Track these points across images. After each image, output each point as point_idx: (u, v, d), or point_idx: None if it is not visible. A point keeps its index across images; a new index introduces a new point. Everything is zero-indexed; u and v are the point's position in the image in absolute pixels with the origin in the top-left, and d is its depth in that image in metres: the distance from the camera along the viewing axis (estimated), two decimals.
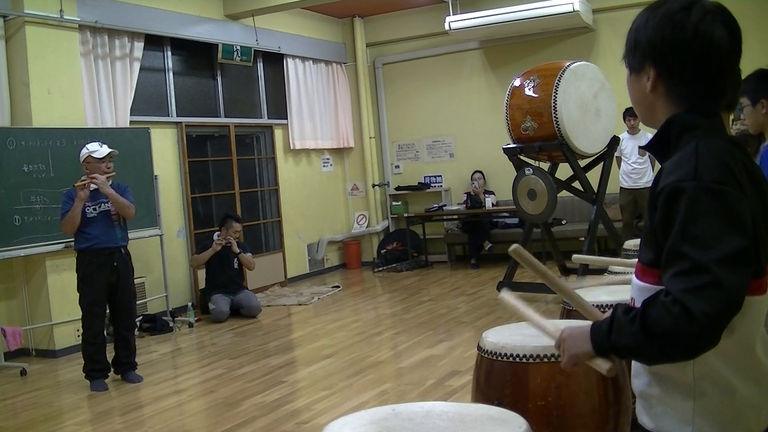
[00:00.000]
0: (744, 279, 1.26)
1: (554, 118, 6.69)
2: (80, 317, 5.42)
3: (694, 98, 1.40)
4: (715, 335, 1.25)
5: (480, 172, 10.07)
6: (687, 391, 1.36)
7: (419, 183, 10.90)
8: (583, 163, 7.21)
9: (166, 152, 8.03)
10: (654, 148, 1.47)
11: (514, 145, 7.14)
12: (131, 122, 7.47)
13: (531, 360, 2.34)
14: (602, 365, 1.43)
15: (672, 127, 1.42)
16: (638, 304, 1.41)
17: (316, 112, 10.29)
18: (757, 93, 2.88)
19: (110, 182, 5.38)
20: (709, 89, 1.40)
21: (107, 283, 5.36)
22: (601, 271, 7.13)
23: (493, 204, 9.76)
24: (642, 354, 1.33)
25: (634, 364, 1.48)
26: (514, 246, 1.73)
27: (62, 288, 6.40)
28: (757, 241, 1.31)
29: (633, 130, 8.11)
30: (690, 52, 1.36)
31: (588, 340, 1.40)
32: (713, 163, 1.30)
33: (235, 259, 7.87)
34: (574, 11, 8.69)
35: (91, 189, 5.30)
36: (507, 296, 1.87)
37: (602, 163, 7.27)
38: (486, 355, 2.47)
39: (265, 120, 9.67)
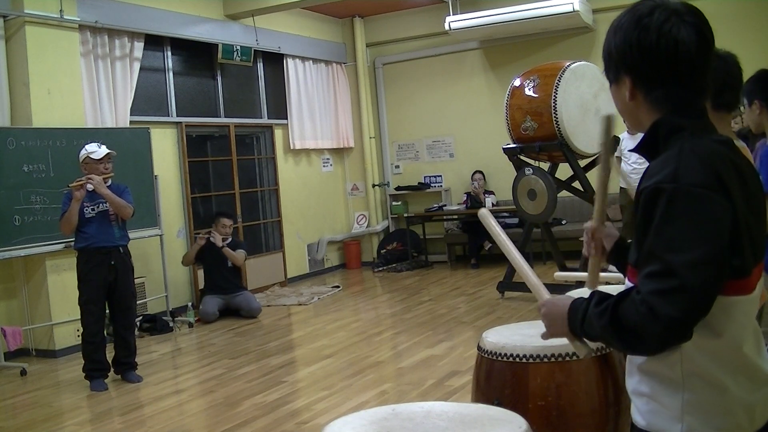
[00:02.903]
0: (713, 284, 1.28)
1: (554, 118, 6.69)
2: (80, 316, 5.43)
3: (673, 100, 1.41)
4: (679, 336, 1.29)
5: (480, 172, 10.07)
6: (675, 389, 1.37)
7: (419, 183, 10.90)
8: (583, 163, 7.21)
9: (166, 152, 8.03)
10: (643, 151, 1.47)
11: (514, 145, 7.15)
12: (131, 122, 7.47)
13: (531, 360, 2.34)
14: (580, 349, 1.52)
15: (659, 130, 1.42)
16: None
17: (316, 112, 10.29)
18: (752, 93, 2.91)
19: (109, 183, 5.38)
20: (685, 89, 1.40)
21: (105, 282, 5.36)
22: None
23: (493, 204, 9.76)
24: (610, 344, 1.42)
25: (627, 364, 1.49)
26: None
27: (62, 288, 6.40)
28: (743, 242, 1.32)
29: (633, 130, 8.10)
30: (657, 54, 1.37)
31: (565, 321, 1.46)
32: (695, 166, 1.30)
33: (229, 261, 7.75)
34: (574, 11, 8.69)
35: (89, 189, 5.30)
36: (486, 215, 1.97)
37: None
38: (486, 355, 2.47)
39: (265, 120, 9.67)
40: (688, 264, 1.25)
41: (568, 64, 6.91)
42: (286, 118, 9.90)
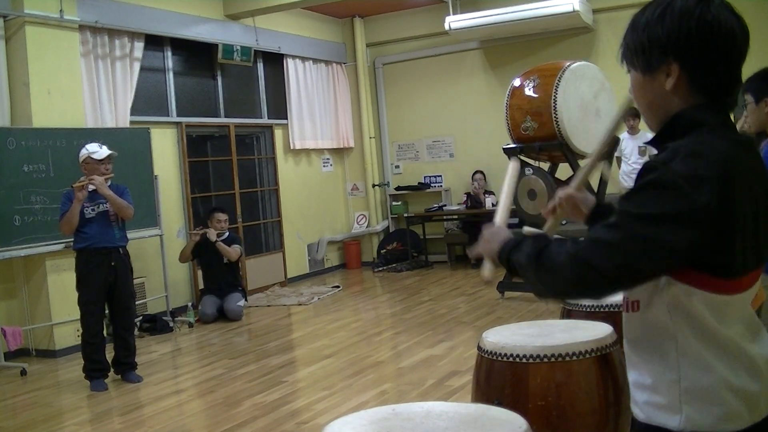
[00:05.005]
0: (646, 264, 1.30)
1: (554, 118, 6.69)
2: (79, 317, 5.43)
3: (713, 91, 1.39)
4: (585, 288, 1.35)
5: (481, 172, 10.07)
6: (673, 380, 1.37)
7: (419, 183, 10.90)
8: (582, 163, 7.21)
9: (166, 152, 8.03)
10: (659, 143, 1.44)
11: (514, 145, 7.14)
12: (131, 122, 7.46)
13: (531, 360, 2.34)
14: (485, 269, 1.64)
15: (679, 123, 1.40)
16: (632, 299, 1.44)
17: (316, 112, 10.29)
18: (761, 91, 2.89)
19: (108, 183, 5.38)
20: (728, 80, 1.40)
21: (105, 283, 5.36)
22: None
23: (493, 204, 9.76)
24: (524, 275, 1.44)
25: (627, 360, 1.49)
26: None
27: (62, 288, 6.40)
28: (734, 242, 1.31)
29: (633, 131, 8.11)
30: (718, 43, 1.36)
31: (500, 244, 1.51)
32: (694, 161, 1.29)
33: (225, 258, 7.66)
34: (574, 11, 8.69)
35: (90, 190, 5.30)
36: (515, 164, 2.07)
37: (602, 163, 7.27)
38: (486, 356, 2.47)
39: (265, 120, 9.67)
40: (637, 233, 1.28)
41: (568, 64, 6.91)
42: (286, 118, 9.90)
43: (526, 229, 2.39)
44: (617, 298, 2.93)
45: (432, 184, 10.88)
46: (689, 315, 1.34)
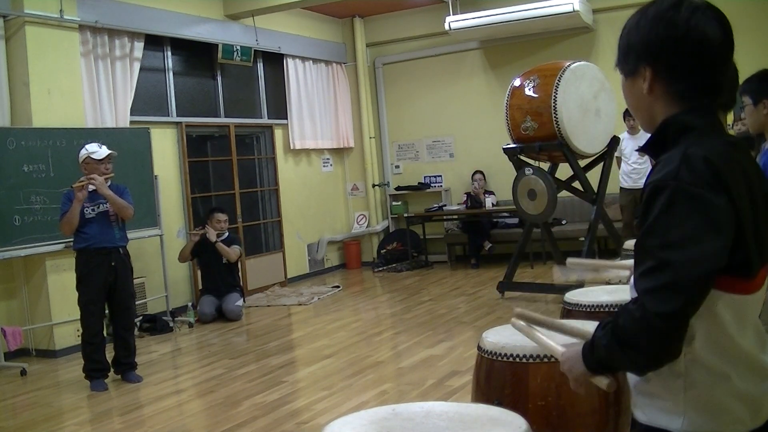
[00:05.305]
0: (705, 282, 1.28)
1: (554, 118, 6.69)
2: (79, 317, 5.43)
3: (692, 95, 1.40)
4: (672, 337, 1.29)
5: (481, 172, 10.07)
6: (677, 383, 1.38)
7: (419, 183, 10.90)
8: (583, 163, 7.21)
9: (166, 152, 8.03)
10: (650, 150, 1.47)
11: (514, 145, 7.14)
12: (131, 122, 7.47)
13: (531, 360, 2.34)
14: (602, 381, 1.47)
15: (669, 129, 1.42)
16: None
17: (316, 112, 10.29)
18: (759, 93, 2.88)
19: (109, 183, 5.38)
20: (706, 85, 1.40)
21: (105, 283, 5.36)
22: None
23: (493, 204, 9.76)
24: (619, 364, 1.39)
25: None
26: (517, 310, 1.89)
27: (62, 288, 6.40)
28: (747, 243, 1.32)
29: (633, 130, 8.11)
30: (685, 48, 1.37)
31: (581, 360, 1.46)
32: (697, 166, 1.30)
33: (224, 258, 7.66)
34: (574, 11, 8.69)
35: (90, 190, 5.30)
36: (518, 321, 1.98)
37: (602, 163, 7.28)
38: (486, 355, 2.47)
39: (265, 120, 9.67)
40: (681, 261, 1.26)
41: (568, 64, 6.91)
42: (286, 118, 9.90)
43: (570, 260, 2.41)
44: (616, 297, 2.93)
45: (432, 184, 10.88)
46: (706, 322, 1.34)
